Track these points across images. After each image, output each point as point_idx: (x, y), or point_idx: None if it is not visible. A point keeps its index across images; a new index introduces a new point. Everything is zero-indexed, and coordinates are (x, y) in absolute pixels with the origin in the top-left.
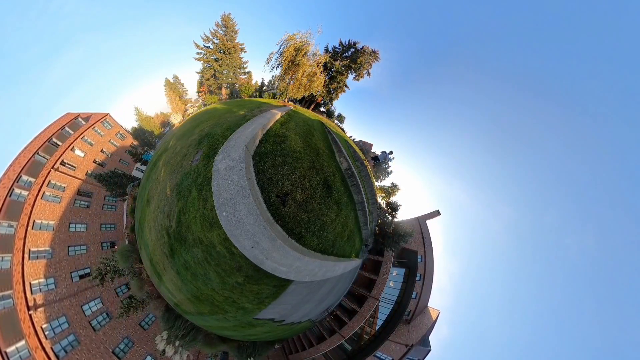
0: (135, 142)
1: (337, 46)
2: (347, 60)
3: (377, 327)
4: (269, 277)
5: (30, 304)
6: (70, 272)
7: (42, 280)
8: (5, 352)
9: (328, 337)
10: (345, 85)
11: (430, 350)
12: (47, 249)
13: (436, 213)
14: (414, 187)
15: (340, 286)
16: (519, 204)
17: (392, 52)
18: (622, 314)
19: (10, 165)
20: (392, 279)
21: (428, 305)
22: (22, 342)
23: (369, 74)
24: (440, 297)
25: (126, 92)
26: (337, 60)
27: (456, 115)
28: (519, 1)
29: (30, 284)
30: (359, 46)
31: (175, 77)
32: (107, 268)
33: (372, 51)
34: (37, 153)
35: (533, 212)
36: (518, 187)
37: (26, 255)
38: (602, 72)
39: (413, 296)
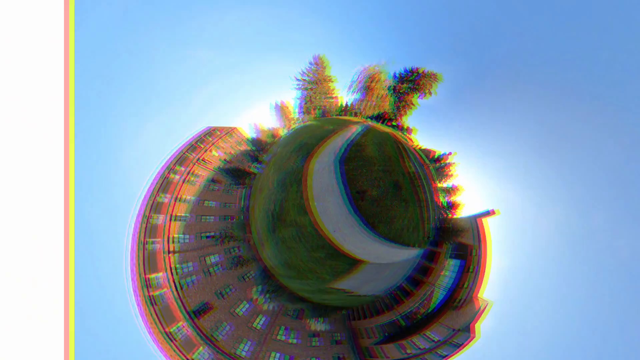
0: (253, 148)
1: (403, 71)
2: (410, 83)
3: (429, 309)
4: (345, 256)
5: (170, 249)
6: (200, 233)
7: (180, 235)
8: (147, 278)
9: (385, 311)
10: (412, 104)
11: (474, 337)
12: (187, 215)
13: (492, 212)
14: (473, 189)
15: (403, 270)
16: (568, 205)
17: (451, 72)
18: None
19: (168, 160)
20: (447, 268)
21: (478, 295)
22: (160, 274)
23: (435, 93)
24: (491, 289)
25: (245, 112)
26: (403, 83)
27: (512, 124)
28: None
29: (172, 236)
30: (424, 71)
31: (283, 102)
32: (226, 234)
33: (433, 73)
34: (186, 152)
35: (579, 212)
36: (567, 188)
37: (172, 218)
38: (584, 69)
39: (465, 286)
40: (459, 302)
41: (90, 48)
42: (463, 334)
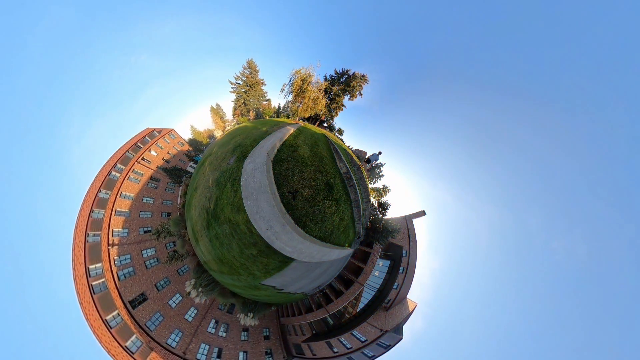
0: (190, 148)
1: (334, 74)
2: (342, 85)
3: (358, 309)
4: (277, 254)
5: (110, 242)
6: (139, 228)
7: (120, 229)
8: (88, 268)
9: (315, 309)
10: (343, 105)
11: (402, 338)
12: (127, 210)
13: (422, 213)
14: (403, 189)
15: (333, 269)
16: (502, 205)
17: (378, 73)
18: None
19: (111, 157)
20: (378, 269)
21: (407, 296)
22: (100, 264)
23: (361, 95)
24: (420, 290)
25: (185, 115)
26: (334, 86)
27: (439, 122)
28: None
29: (112, 230)
30: (350, 72)
31: (217, 105)
32: (163, 229)
33: (362, 75)
34: (128, 151)
35: (517, 213)
36: (501, 188)
37: (113, 212)
38: (587, 72)
39: (394, 286)
40: (389, 302)
41: (39, 55)
42: (391, 335)
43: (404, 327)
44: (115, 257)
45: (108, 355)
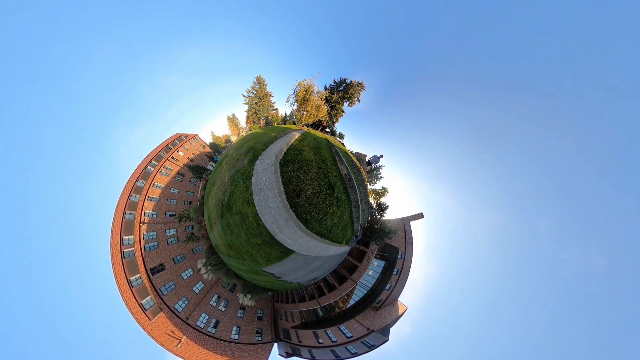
0: (210, 150)
1: (333, 83)
2: (341, 92)
3: (349, 305)
4: (279, 245)
5: (142, 220)
6: (165, 212)
7: (150, 211)
8: (122, 238)
9: (308, 300)
10: (343, 111)
11: (387, 340)
12: (157, 197)
13: (420, 215)
14: (402, 191)
15: (329, 264)
16: (506, 210)
17: (374, 79)
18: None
19: (147, 155)
20: (372, 269)
21: (398, 299)
22: (131, 237)
23: (359, 101)
24: (412, 295)
25: (207, 123)
26: (334, 94)
27: (440, 123)
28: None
29: (144, 211)
30: (348, 81)
31: (233, 115)
32: (184, 215)
33: (359, 83)
34: (161, 151)
35: (522, 219)
36: (506, 191)
37: (146, 198)
38: (600, 70)
39: (387, 287)
40: (379, 302)
41: (98, 78)
42: (377, 335)
43: (391, 329)
44: (144, 233)
45: (126, 308)
